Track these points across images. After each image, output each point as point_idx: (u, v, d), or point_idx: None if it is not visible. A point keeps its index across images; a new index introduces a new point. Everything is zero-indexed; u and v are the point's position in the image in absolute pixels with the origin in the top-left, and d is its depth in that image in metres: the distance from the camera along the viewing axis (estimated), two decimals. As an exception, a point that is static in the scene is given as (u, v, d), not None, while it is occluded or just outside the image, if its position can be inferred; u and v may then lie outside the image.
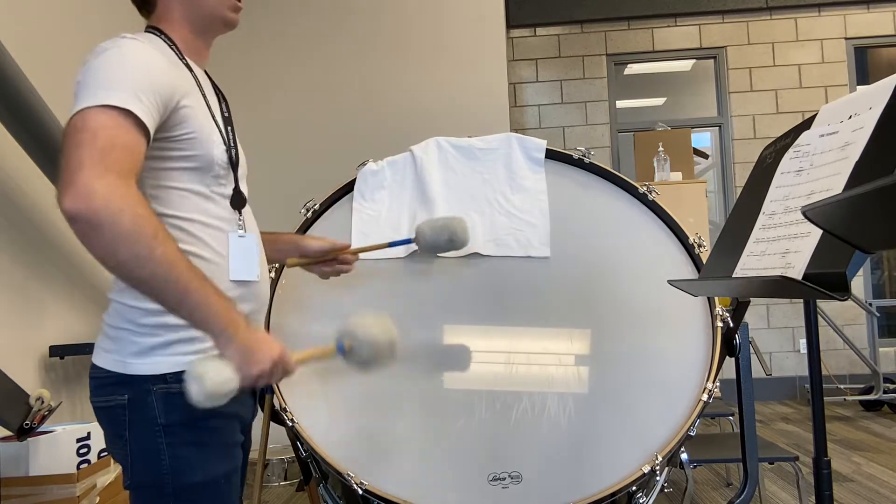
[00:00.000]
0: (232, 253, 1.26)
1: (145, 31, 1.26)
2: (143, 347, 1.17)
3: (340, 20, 4.37)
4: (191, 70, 1.26)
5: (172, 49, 1.24)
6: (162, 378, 1.16)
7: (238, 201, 1.31)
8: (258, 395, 1.36)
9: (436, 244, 1.60)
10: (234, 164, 1.31)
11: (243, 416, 1.28)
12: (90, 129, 1.02)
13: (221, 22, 1.31)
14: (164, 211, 1.17)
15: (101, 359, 1.19)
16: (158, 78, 1.12)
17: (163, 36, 1.25)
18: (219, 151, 1.25)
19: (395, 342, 1.24)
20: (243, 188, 1.32)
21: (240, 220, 1.30)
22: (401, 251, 1.76)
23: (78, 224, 0.97)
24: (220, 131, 1.27)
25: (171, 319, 1.16)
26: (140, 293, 1.06)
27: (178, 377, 1.16)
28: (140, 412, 1.16)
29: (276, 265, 1.73)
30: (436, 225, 1.60)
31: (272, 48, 4.29)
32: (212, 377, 1.00)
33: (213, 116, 1.26)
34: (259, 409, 1.98)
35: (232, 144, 1.31)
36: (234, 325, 1.06)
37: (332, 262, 1.59)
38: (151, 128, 1.09)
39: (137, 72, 1.09)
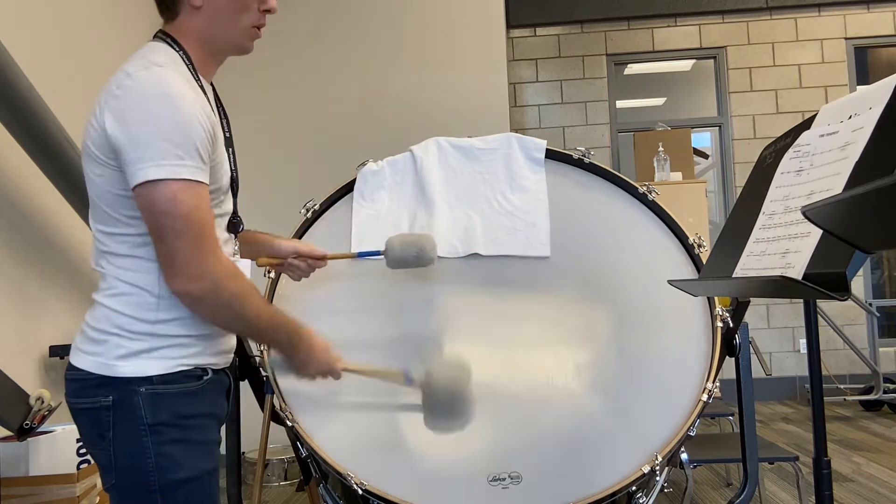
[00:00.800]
0: None
1: (158, 39, 1.25)
2: (130, 351, 1.17)
3: (340, 20, 4.37)
4: (204, 91, 1.26)
5: (189, 68, 1.24)
6: (148, 380, 1.17)
7: (235, 226, 1.33)
8: (231, 395, 1.38)
9: (404, 259, 1.60)
10: (234, 188, 1.33)
11: (220, 416, 1.30)
12: (174, 213, 1.11)
13: (237, 49, 1.30)
14: None
15: (83, 360, 1.19)
16: (204, 121, 1.15)
17: (181, 52, 1.24)
18: (226, 178, 1.27)
19: (465, 392, 1.41)
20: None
21: (235, 244, 1.33)
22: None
23: (187, 300, 1.16)
24: (227, 156, 1.28)
25: (161, 329, 1.18)
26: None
27: (164, 379, 1.18)
28: (125, 413, 1.16)
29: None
30: (406, 240, 1.61)
31: (272, 48, 4.29)
32: None
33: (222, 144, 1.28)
34: (260, 408, 1.98)
35: (233, 167, 1.32)
36: (293, 347, 1.34)
37: (303, 259, 1.62)
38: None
39: (191, 123, 1.13)
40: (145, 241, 1.18)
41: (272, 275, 1.71)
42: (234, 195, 1.34)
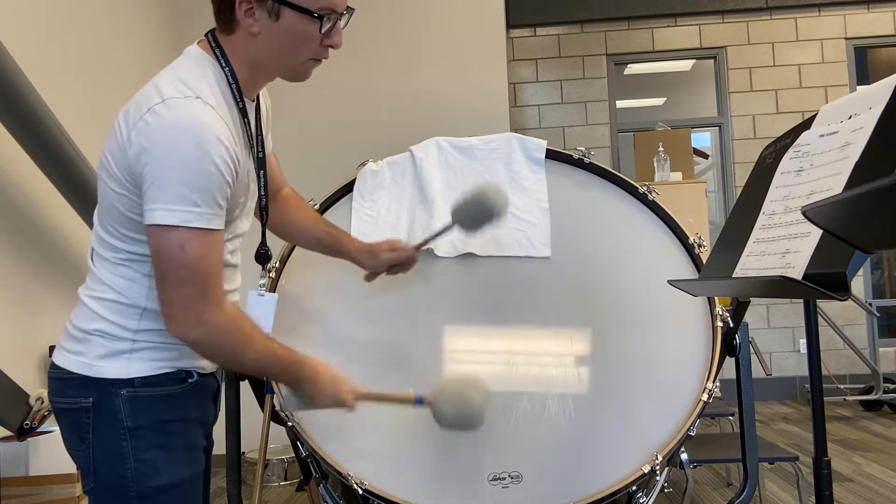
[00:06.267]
0: (250, 312, 1.27)
1: (208, 46, 1.19)
2: (111, 350, 1.16)
3: (340, 20, 4.36)
4: (243, 115, 1.21)
5: (233, 88, 1.19)
6: (129, 382, 1.15)
7: (264, 256, 1.30)
8: (218, 398, 1.37)
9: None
10: (264, 215, 1.28)
11: (206, 420, 1.28)
12: (180, 261, 1.08)
13: (290, 78, 1.25)
14: None
15: (65, 359, 1.18)
16: (229, 167, 1.11)
17: (227, 69, 1.18)
18: (251, 203, 1.25)
19: (483, 411, 1.35)
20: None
21: (263, 274, 1.31)
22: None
23: (185, 342, 1.14)
24: (256, 182, 1.25)
25: (143, 336, 1.17)
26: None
27: (145, 381, 1.16)
28: (105, 415, 1.15)
29: (276, 264, 1.72)
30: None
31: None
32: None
33: (252, 169, 1.24)
34: (260, 408, 1.98)
35: (263, 192, 1.27)
36: (298, 384, 1.30)
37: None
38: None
39: (215, 171, 1.08)
40: (140, 258, 1.16)
41: (272, 275, 1.71)
42: (263, 222, 1.29)
